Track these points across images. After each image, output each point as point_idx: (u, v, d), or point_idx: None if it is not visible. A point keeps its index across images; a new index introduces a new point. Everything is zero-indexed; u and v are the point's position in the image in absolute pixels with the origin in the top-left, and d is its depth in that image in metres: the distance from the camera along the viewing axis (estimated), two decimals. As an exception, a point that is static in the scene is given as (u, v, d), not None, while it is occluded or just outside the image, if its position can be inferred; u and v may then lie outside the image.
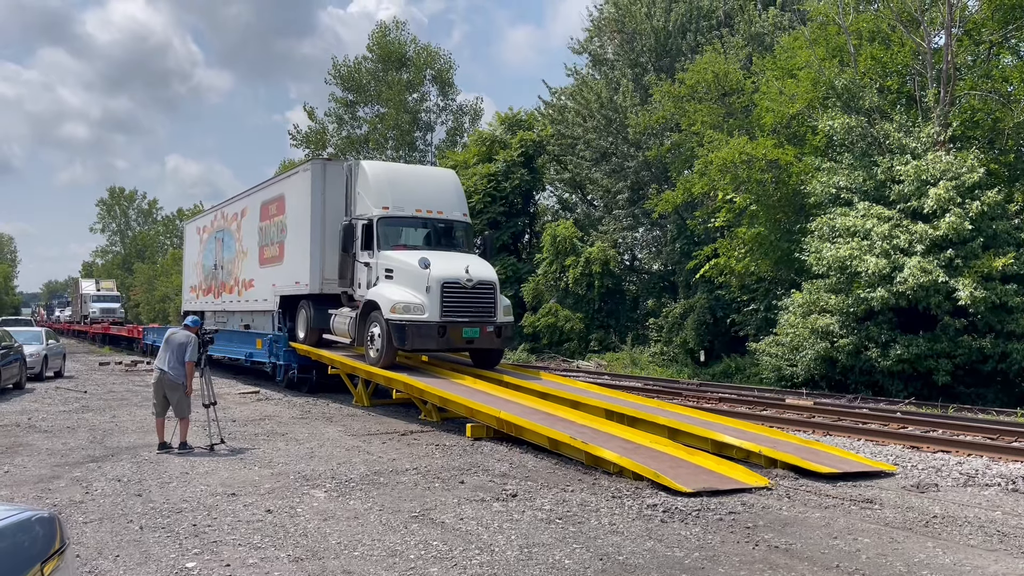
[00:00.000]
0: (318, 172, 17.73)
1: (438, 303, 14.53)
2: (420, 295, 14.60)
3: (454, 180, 17.87)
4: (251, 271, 21.60)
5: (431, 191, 16.94)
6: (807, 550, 6.83)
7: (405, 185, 16.74)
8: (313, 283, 17.58)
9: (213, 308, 25.27)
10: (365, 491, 8.76)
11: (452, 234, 16.87)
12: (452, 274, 14.76)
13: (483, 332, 15.00)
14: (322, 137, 51.12)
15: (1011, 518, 8.07)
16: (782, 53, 24.94)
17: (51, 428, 13.35)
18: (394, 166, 20.64)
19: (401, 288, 14.94)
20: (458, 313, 14.76)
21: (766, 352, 22.36)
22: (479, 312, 15.01)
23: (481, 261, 16.19)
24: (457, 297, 14.73)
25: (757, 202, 23.80)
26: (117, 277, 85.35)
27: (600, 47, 37.97)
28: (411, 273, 14.84)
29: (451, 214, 16.84)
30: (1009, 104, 20.27)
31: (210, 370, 12.29)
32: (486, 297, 15.12)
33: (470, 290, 14.86)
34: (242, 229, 22.59)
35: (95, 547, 6.73)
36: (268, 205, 20.54)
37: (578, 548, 6.78)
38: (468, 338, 14.94)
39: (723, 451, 10.72)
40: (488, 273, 15.45)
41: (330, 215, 17.51)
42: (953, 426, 13.71)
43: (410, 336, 14.44)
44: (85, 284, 61.96)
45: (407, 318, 14.47)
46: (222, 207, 25.17)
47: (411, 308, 14.50)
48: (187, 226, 30.86)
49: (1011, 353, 17.86)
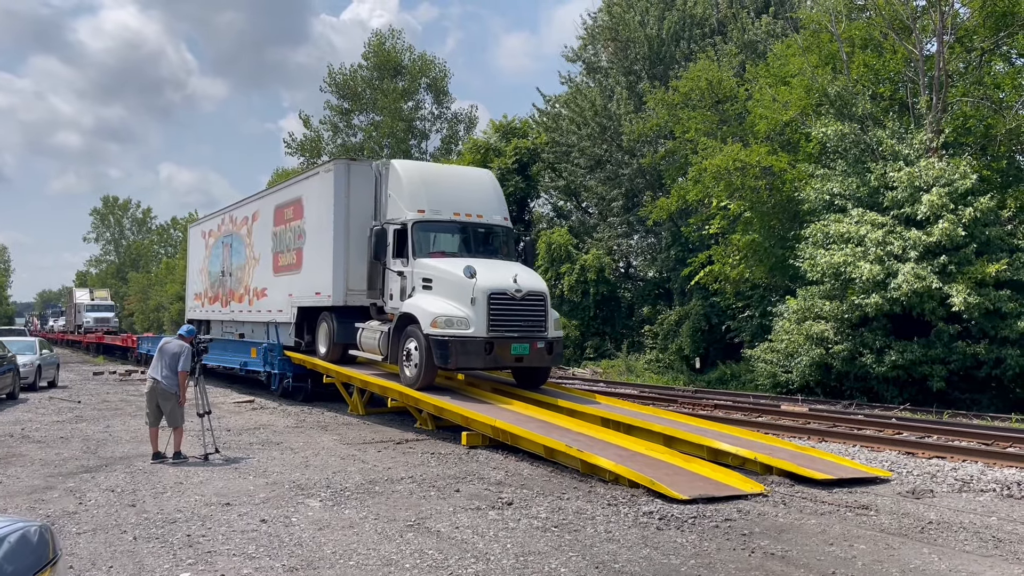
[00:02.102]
0: (342, 173, 16.37)
1: (484, 316, 13.17)
2: (464, 307, 13.25)
3: (492, 181, 16.53)
4: (264, 279, 20.37)
5: (469, 193, 15.63)
6: (803, 557, 6.83)
7: (441, 186, 15.40)
8: (337, 294, 16.20)
9: (221, 318, 24.03)
10: (360, 500, 8.73)
11: (492, 240, 15.51)
12: (500, 284, 13.40)
13: (533, 348, 13.66)
14: (317, 145, 51.16)
15: (1006, 524, 8.08)
16: (775, 61, 25.07)
17: (44, 438, 13.28)
18: (428, 165, 18.85)
19: (442, 299, 13.60)
20: (506, 327, 13.40)
21: (761, 359, 22.39)
22: (529, 326, 13.67)
23: (528, 270, 14.83)
24: (505, 310, 13.40)
25: (751, 209, 23.86)
26: (111, 286, 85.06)
27: (594, 55, 38.12)
28: (453, 283, 13.55)
29: (491, 218, 15.44)
30: (1001, 111, 20.40)
31: (204, 379, 12.25)
32: (536, 309, 13.78)
33: (519, 301, 13.53)
34: (253, 234, 21.38)
35: (88, 558, 6.70)
36: (284, 208, 19.27)
37: (574, 556, 6.76)
38: (517, 355, 13.54)
39: (719, 458, 10.71)
40: (538, 283, 14.19)
41: (355, 220, 16.17)
42: (948, 432, 13.73)
43: (454, 353, 13.04)
44: (79, 293, 61.79)
45: (450, 333, 13.08)
46: (230, 210, 23.87)
47: (454, 322, 13.14)
48: (192, 229, 29.43)
49: (1005, 359, 17.91)
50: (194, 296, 27.31)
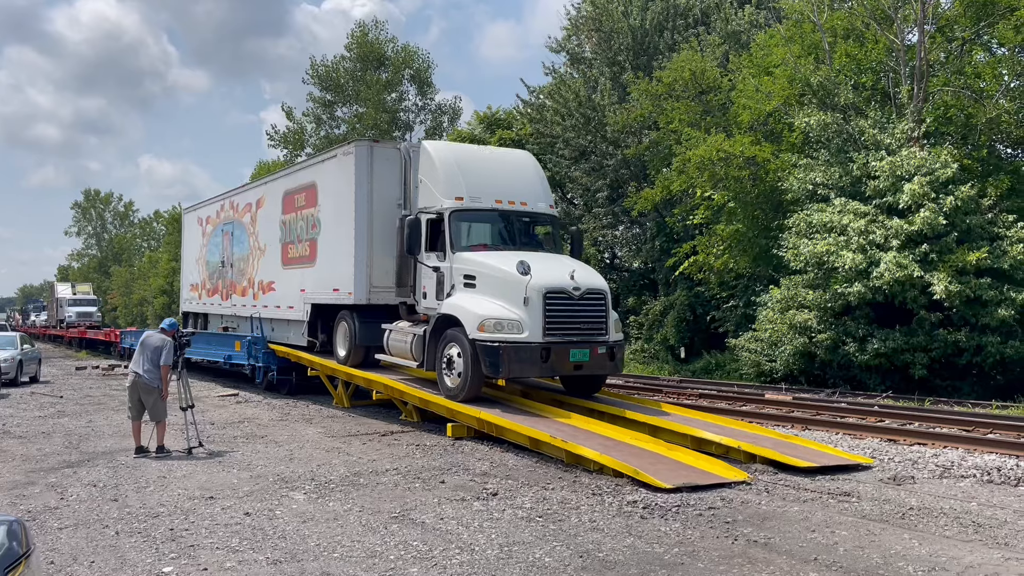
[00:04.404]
0: (364, 155, 14.90)
1: (540, 319, 11.61)
2: (516, 308, 11.68)
3: (535, 164, 14.90)
4: (271, 272, 19.08)
5: (510, 177, 14.05)
6: (785, 544, 6.88)
7: (480, 170, 13.79)
8: (359, 291, 14.84)
9: (221, 311, 22.76)
10: (345, 492, 8.72)
11: (537, 230, 14.12)
12: (557, 281, 11.85)
13: (594, 354, 12.05)
14: (300, 137, 50.82)
15: (986, 509, 8.17)
16: (758, 51, 25.11)
17: (26, 434, 13.17)
18: (464, 147, 16.71)
19: (488, 299, 12.04)
20: (565, 331, 11.86)
21: (745, 348, 22.51)
22: (589, 329, 12.13)
23: (583, 265, 13.36)
24: (563, 310, 11.84)
25: (735, 199, 23.95)
26: (94, 281, 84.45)
27: (578, 46, 38.01)
28: (502, 280, 12.00)
29: (535, 205, 13.82)
30: (981, 100, 20.53)
31: (188, 373, 12.18)
32: (597, 309, 12.20)
33: (577, 301, 11.96)
34: (258, 222, 20.02)
35: (70, 553, 6.65)
36: (294, 195, 17.86)
37: (558, 546, 6.78)
38: (576, 362, 11.98)
39: (703, 447, 10.76)
40: (597, 280, 12.59)
41: (378, 208, 14.80)
42: (929, 419, 13.87)
43: (506, 361, 11.50)
44: (61, 288, 61.30)
45: (501, 338, 11.54)
46: (231, 195, 22.52)
47: (505, 325, 11.60)
48: (187, 216, 27.56)
49: (986, 346, 18.07)
50: (189, 287, 25.94)
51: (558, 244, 14.32)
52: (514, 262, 11.68)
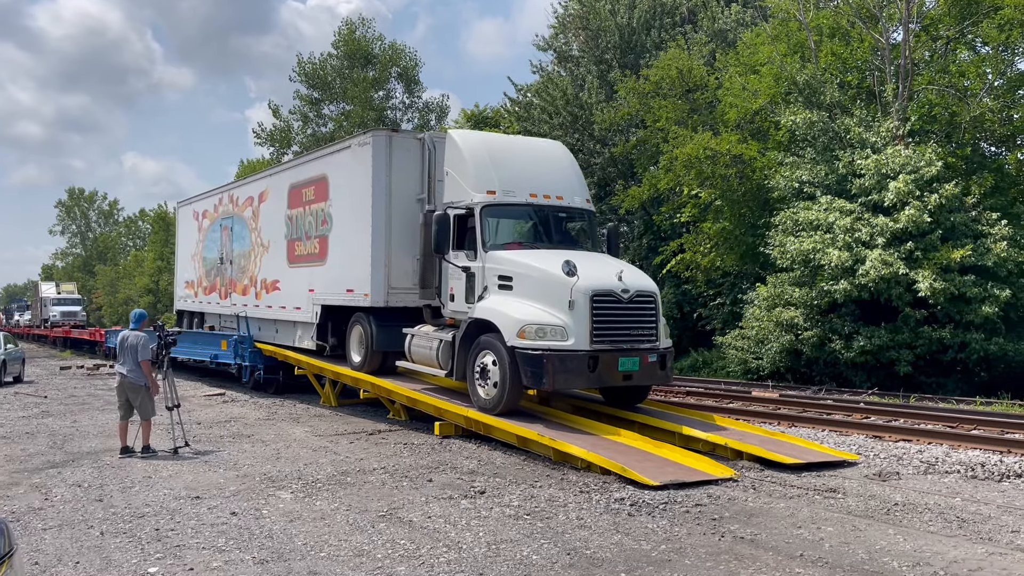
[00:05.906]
0: (381, 146, 13.91)
1: (587, 324, 10.60)
2: (559, 313, 10.68)
3: (569, 156, 13.96)
4: (275, 270, 18.10)
5: (544, 170, 13.03)
6: (772, 540, 6.91)
7: (512, 162, 12.76)
8: (376, 293, 13.85)
9: (219, 311, 21.72)
10: (332, 491, 8.69)
11: (573, 227, 13.13)
12: (604, 283, 10.84)
13: (644, 363, 11.04)
14: (287, 135, 50.61)
15: (970, 504, 8.23)
16: (744, 49, 25.23)
17: (9, 434, 13.05)
18: (494, 137, 15.18)
19: (528, 303, 11.01)
20: (613, 337, 10.86)
21: (732, 345, 22.61)
22: (638, 335, 11.11)
23: (630, 265, 12.49)
24: (611, 315, 10.83)
25: (722, 197, 24.05)
26: (78, 280, 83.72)
27: (565, 44, 38.03)
28: (543, 282, 10.99)
29: (571, 200, 12.82)
30: (965, 99, 20.70)
31: (173, 372, 12.10)
32: (647, 314, 11.20)
33: (626, 304, 10.94)
34: (260, 217, 19.03)
35: (54, 554, 6.60)
36: (302, 188, 16.85)
37: (546, 543, 6.79)
38: (625, 372, 10.95)
39: (690, 444, 10.79)
40: (646, 282, 11.56)
41: (397, 204, 13.85)
42: (914, 415, 13.96)
43: (550, 371, 10.46)
44: (45, 287, 60.77)
45: (544, 345, 10.52)
46: (230, 188, 21.51)
47: (548, 331, 10.58)
48: (181, 209, 26.24)
49: (970, 343, 18.22)
50: (184, 284, 24.82)
51: (596, 242, 13.20)
52: (557, 261, 10.79)
